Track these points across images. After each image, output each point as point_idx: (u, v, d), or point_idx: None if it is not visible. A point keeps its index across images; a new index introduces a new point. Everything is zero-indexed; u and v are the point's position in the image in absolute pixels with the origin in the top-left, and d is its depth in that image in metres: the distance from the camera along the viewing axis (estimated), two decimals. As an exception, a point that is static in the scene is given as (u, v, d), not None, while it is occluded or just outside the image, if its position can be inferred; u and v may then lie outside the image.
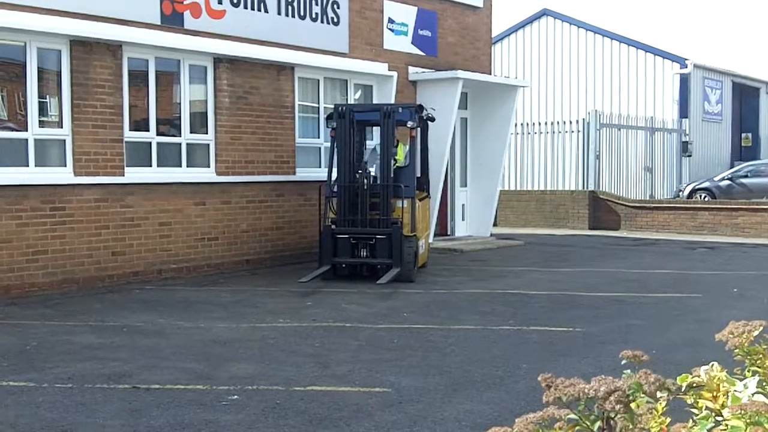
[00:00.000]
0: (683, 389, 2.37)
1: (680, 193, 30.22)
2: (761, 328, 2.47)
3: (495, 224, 22.91)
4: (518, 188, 28.70)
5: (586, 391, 2.13)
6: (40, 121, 13.30)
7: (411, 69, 19.73)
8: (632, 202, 26.73)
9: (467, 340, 9.88)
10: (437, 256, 18.03)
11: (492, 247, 20.46)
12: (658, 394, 2.18)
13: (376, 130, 16.85)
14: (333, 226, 14.73)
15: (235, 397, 7.39)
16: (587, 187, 27.16)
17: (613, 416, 2.14)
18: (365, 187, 14.63)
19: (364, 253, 14.66)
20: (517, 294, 13.45)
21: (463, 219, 21.98)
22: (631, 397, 2.12)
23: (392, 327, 10.64)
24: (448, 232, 21.58)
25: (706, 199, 28.55)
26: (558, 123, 28.82)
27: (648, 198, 29.19)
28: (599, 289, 13.88)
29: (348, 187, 14.70)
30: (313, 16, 17.29)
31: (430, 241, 18.10)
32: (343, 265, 14.75)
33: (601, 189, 27.21)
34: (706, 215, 25.18)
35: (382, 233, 14.56)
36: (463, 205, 21.95)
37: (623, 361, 2.46)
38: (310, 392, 7.54)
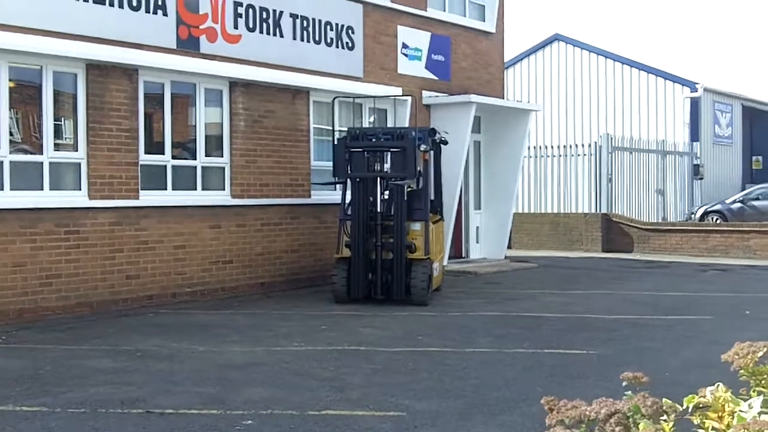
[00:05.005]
0: (690, 410, 2.40)
1: (692, 216, 30.21)
2: (766, 348, 2.49)
3: (509, 247, 22.90)
4: (532, 211, 28.69)
5: (587, 413, 2.16)
6: (55, 144, 13.38)
7: (425, 93, 19.81)
8: (645, 224, 26.72)
9: (482, 363, 9.89)
10: (452, 278, 18.03)
11: (506, 269, 20.46)
12: (663, 417, 2.21)
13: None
14: (347, 140, 14.99)
15: (250, 422, 7.39)
16: (600, 210, 27.14)
17: (613, 438, 2.17)
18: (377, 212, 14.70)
19: (378, 168, 14.73)
20: (531, 317, 13.44)
21: (477, 241, 22.01)
22: (631, 419, 2.15)
23: (407, 350, 10.65)
24: (463, 255, 21.59)
25: (718, 221, 28.54)
26: (570, 146, 28.86)
27: (660, 221, 29.17)
28: (613, 312, 13.86)
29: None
30: (328, 41, 17.41)
31: (445, 263, 18.10)
32: (357, 180, 14.72)
33: (613, 212, 27.20)
34: (718, 237, 25.16)
35: (397, 146, 14.71)
36: (477, 227, 21.98)
37: (624, 383, 2.49)
38: (325, 416, 7.55)
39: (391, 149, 14.82)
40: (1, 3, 12.49)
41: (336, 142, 15.26)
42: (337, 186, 15.83)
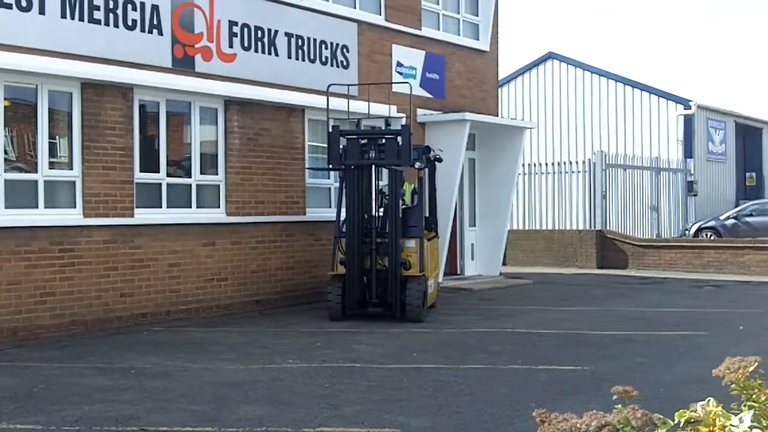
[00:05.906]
0: (681, 424, 2.42)
1: (686, 232, 30.31)
2: (756, 363, 2.52)
3: (504, 263, 22.94)
4: (527, 228, 28.74)
5: (578, 425, 2.18)
6: (50, 162, 13.39)
7: (419, 111, 19.87)
8: (639, 241, 26.78)
9: (476, 380, 9.90)
10: (447, 295, 18.05)
11: (501, 286, 20.48)
12: (654, 430, 2.23)
13: (385, 171, 16.90)
14: (341, 128, 15.07)
15: (245, 437, 7.40)
16: (595, 227, 27.20)
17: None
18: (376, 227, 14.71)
19: (373, 155, 14.74)
20: (526, 333, 13.45)
21: (472, 258, 22.03)
22: (621, 432, 2.18)
23: (402, 367, 10.65)
24: (458, 272, 21.61)
25: (712, 237, 28.65)
26: (564, 163, 28.95)
27: (655, 237, 29.23)
28: (607, 328, 13.88)
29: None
30: (323, 59, 17.47)
31: (440, 280, 18.12)
32: (352, 167, 14.74)
33: (608, 228, 27.25)
34: (712, 254, 25.23)
35: (391, 133, 14.78)
36: (472, 244, 22.01)
37: (614, 397, 2.51)
38: (319, 433, 7.55)
39: (386, 136, 14.87)
40: (-3, 22, 12.52)
41: (330, 130, 15.24)
42: (334, 194, 15.82)
